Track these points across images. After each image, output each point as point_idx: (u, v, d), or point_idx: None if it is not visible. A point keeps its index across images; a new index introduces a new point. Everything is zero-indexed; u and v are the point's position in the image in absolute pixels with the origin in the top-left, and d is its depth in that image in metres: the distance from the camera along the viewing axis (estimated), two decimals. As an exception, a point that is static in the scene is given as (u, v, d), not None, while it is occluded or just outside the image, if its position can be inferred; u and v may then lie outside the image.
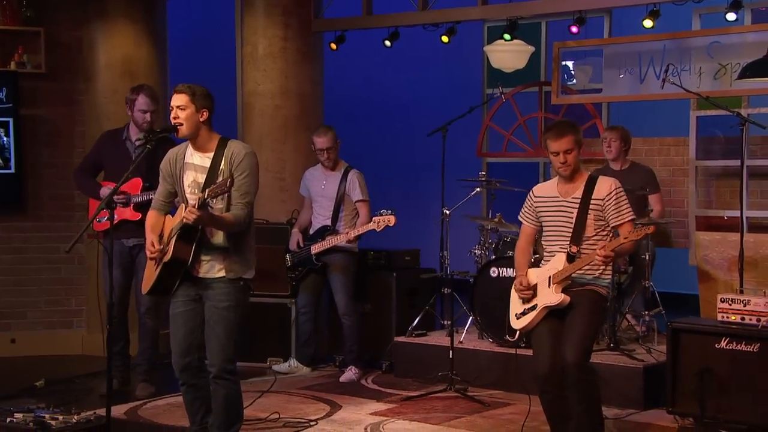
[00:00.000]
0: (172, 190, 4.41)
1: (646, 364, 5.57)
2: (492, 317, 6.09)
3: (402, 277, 6.70)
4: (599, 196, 4.37)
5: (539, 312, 4.39)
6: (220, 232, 4.28)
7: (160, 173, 4.44)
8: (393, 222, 5.97)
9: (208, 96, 4.29)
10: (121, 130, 5.88)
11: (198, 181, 4.31)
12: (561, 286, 4.33)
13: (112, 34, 7.26)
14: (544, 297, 4.37)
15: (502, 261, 6.15)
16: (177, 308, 4.37)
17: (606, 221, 4.38)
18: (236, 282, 4.31)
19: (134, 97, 5.75)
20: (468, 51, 9.04)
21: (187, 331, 4.34)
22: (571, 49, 7.35)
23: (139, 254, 5.66)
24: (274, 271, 6.70)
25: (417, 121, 9.11)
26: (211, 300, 4.30)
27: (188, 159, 4.35)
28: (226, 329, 4.27)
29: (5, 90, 7.00)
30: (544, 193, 4.51)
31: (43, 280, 7.30)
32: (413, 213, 7.48)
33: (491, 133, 8.40)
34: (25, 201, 7.21)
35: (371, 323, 6.64)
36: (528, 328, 4.47)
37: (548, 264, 4.42)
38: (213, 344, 4.28)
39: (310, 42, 7.57)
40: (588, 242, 4.36)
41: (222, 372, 4.29)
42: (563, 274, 4.33)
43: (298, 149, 7.42)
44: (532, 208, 4.53)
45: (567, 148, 4.34)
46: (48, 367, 6.66)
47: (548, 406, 4.40)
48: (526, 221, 4.58)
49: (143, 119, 5.72)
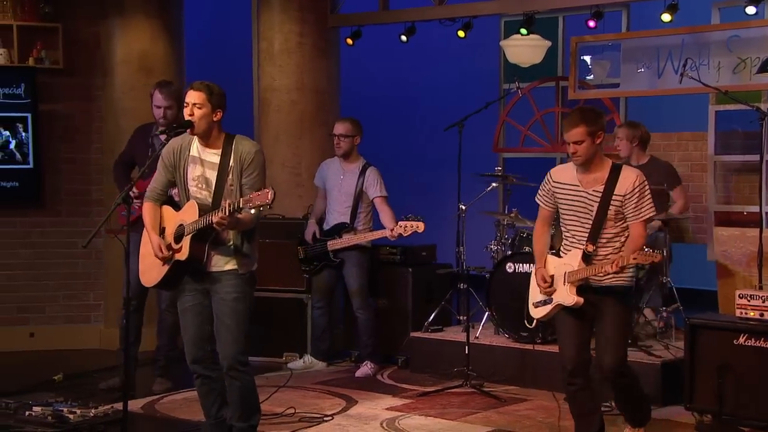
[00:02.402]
0: (172, 180, 4.40)
1: (663, 361, 5.54)
2: (508, 313, 6.08)
3: (418, 273, 6.69)
4: (621, 191, 4.25)
5: (554, 307, 4.36)
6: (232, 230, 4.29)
7: (160, 161, 4.41)
8: (422, 228, 5.95)
9: (223, 96, 4.30)
10: (152, 126, 5.84)
11: (206, 176, 4.31)
12: (575, 286, 4.28)
13: (129, 30, 7.28)
14: (560, 294, 4.34)
15: (518, 256, 6.13)
16: (186, 302, 4.38)
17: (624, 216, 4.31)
18: (244, 274, 4.32)
19: (152, 92, 5.73)
20: (484, 46, 9.00)
21: (199, 324, 4.35)
22: (588, 44, 7.30)
23: None
24: (290, 266, 6.71)
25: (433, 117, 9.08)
26: (219, 293, 4.30)
27: (194, 153, 4.34)
28: (237, 321, 4.28)
29: (23, 86, 7.04)
30: (562, 179, 4.37)
31: (62, 275, 7.35)
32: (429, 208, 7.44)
33: (508, 129, 8.37)
34: (43, 196, 7.25)
35: (387, 318, 6.64)
36: (544, 318, 4.46)
37: (565, 257, 4.36)
38: (224, 337, 4.28)
39: (327, 37, 7.56)
40: (607, 238, 4.28)
41: (235, 363, 4.29)
42: (578, 275, 4.26)
43: (315, 144, 7.41)
44: (549, 192, 4.42)
45: (577, 139, 4.23)
46: (66, 361, 6.70)
47: (574, 398, 4.37)
48: (543, 204, 4.46)
49: (159, 115, 5.68)
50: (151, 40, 7.32)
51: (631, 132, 6.34)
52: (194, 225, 4.21)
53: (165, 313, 5.77)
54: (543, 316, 4.44)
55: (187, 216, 4.28)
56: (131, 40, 7.29)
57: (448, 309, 6.71)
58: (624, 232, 4.30)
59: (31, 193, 7.18)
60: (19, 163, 7.09)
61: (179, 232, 4.28)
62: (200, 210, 4.22)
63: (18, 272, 7.26)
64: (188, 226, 4.24)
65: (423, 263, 6.84)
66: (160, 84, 5.78)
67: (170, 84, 5.82)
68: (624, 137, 6.33)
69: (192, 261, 4.25)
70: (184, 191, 4.35)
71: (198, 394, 4.51)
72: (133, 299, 5.49)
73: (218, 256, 4.30)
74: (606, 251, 4.28)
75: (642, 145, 6.40)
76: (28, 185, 7.14)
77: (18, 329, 7.24)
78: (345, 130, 6.36)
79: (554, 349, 5.61)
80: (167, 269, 4.32)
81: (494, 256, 6.45)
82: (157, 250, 4.31)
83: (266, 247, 5.97)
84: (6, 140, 7.07)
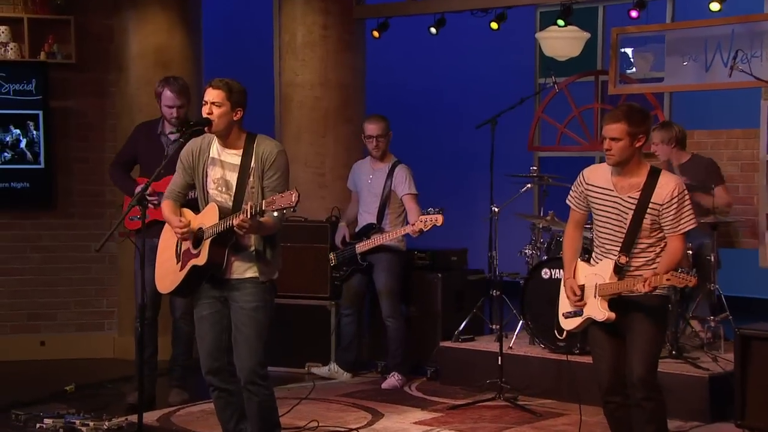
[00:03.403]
0: (191, 182, 4.41)
1: (712, 374, 5.49)
2: (544, 321, 6.04)
3: (448, 279, 6.68)
4: (659, 200, 4.17)
5: (584, 321, 4.33)
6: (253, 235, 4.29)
7: (179, 163, 4.42)
8: (441, 221, 5.94)
9: (243, 94, 4.29)
10: (156, 123, 5.84)
11: (227, 179, 4.31)
12: (607, 300, 4.23)
13: (144, 23, 7.32)
14: (590, 308, 4.30)
15: (555, 262, 6.10)
16: (203, 311, 4.39)
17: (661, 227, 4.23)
18: (265, 283, 4.32)
19: (160, 91, 5.69)
20: (519, 38, 8.98)
21: (216, 335, 4.36)
22: (630, 35, 7.24)
23: None
24: (313, 272, 6.72)
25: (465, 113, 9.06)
26: (238, 301, 4.30)
27: (214, 154, 4.35)
28: (256, 331, 4.28)
29: (35, 81, 7.10)
30: (596, 182, 4.31)
31: (74, 281, 7.40)
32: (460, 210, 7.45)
33: (543, 126, 8.34)
34: (54, 197, 7.30)
35: (416, 327, 6.63)
36: (575, 330, 4.44)
37: (597, 267, 4.32)
38: (242, 348, 4.28)
39: (352, 30, 7.57)
40: (641, 248, 4.22)
41: (254, 377, 4.28)
42: (608, 289, 4.21)
43: (339, 143, 7.42)
44: (582, 194, 4.37)
45: (613, 136, 4.16)
46: (78, 370, 6.74)
47: (612, 417, 4.35)
48: (574, 207, 4.42)
49: (170, 114, 5.66)
50: (167, 33, 7.36)
51: (666, 134, 6.30)
52: (214, 229, 4.22)
53: (179, 322, 5.78)
54: (573, 328, 4.42)
55: (206, 219, 4.28)
56: (147, 33, 7.33)
57: (480, 317, 6.68)
58: (660, 243, 4.23)
59: (43, 195, 7.24)
60: (30, 162, 7.15)
61: (198, 236, 4.29)
62: (221, 213, 4.22)
63: (28, 277, 7.32)
64: (207, 229, 4.25)
65: (453, 268, 6.83)
66: (167, 81, 5.72)
67: (178, 79, 5.77)
68: (659, 141, 6.29)
69: (211, 267, 4.25)
70: (204, 194, 4.36)
71: (215, 407, 4.51)
72: (148, 310, 5.50)
73: (239, 263, 4.30)
74: (639, 262, 4.23)
75: (680, 144, 6.35)
76: (39, 186, 7.20)
77: (28, 337, 7.29)
78: (381, 129, 6.37)
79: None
80: (184, 275, 4.33)
81: (529, 261, 6.42)
82: (176, 222, 4.28)
83: (287, 251, 5.97)
84: (16, 139, 7.13)
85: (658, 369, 4.29)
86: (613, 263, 4.21)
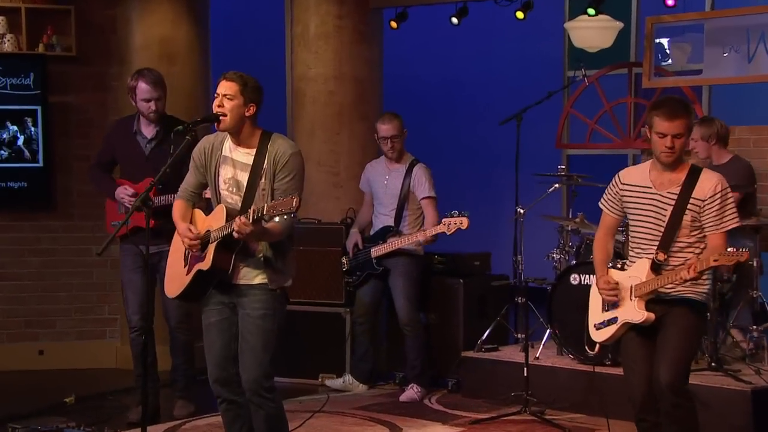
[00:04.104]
0: (204, 182, 4.42)
1: (754, 387, 5.44)
2: (572, 330, 6.01)
3: (470, 284, 6.66)
4: (701, 195, 4.18)
5: (619, 327, 4.30)
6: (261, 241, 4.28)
7: (191, 161, 4.44)
8: (466, 225, 5.93)
9: (258, 90, 4.29)
10: (132, 121, 5.80)
11: (237, 179, 4.31)
12: (644, 300, 4.21)
13: (148, 13, 7.34)
14: (626, 311, 4.27)
15: (585, 267, 6.07)
16: (210, 317, 4.39)
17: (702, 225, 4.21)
18: (275, 290, 4.31)
19: (134, 84, 5.64)
20: (546, 28, 8.94)
21: (224, 343, 4.36)
22: (666, 25, 7.19)
23: (160, 263, 5.63)
24: (327, 277, 6.71)
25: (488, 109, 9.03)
26: (245, 308, 4.30)
27: (226, 152, 4.35)
28: (263, 341, 4.27)
29: (33, 75, 7.13)
30: (633, 181, 4.32)
31: (74, 286, 7.43)
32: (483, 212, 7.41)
33: (573, 122, 8.30)
34: (54, 198, 7.33)
35: (436, 336, 6.62)
36: (608, 342, 4.40)
37: (631, 269, 4.30)
38: (247, 358, 4.28)
39: (368, 20, 7.56)
40: (680, 247, 4.21)
41: (259, 389, 4.27)
42: (646, 287, 4.20)
43: (354, 140, 7.41)
44: (616, 196, 4.37)
45: (678, 132, 4.16)
46: (78, 381, 6.76)
47: None
48: (608, 210, 4.42)
49: (148, 108, 5.63)
50: (172, 24, 7.38)
51: (706, 130, 6.24)
52: (220, 232, 4.22)
53: (175, 331, 5.79)
54: (607, 339, 4.38)
55: (214, 221, 4.29)
56: (151, 24, 7.35)
57: (504, 326, 6.68)
58: (699, 244, 4.22)
59: (41, 195, 7.27)
60: (28, 161, 7.18)
61: (205, 239, 4.29)
62: (228, 215, 4.23)
63: (26, 283, 7.35)
64: (214, 232, 4.25)
65: (475, 274, 6.81)
66: (141, 73, 5.67)
67: (152, 71, 5.75)
68: (699, 137, 6.22)
69: (216, 272, 4.25)
70: (216, 194, 4.37)
71: (222, 420, 4.50)
72: (141, 320, 5.51)
73: (248, 269, 4.30)
74: (677, 261, 4.21)
75: (721, 142, 6.29)
76: (37, 186, 7.23)
77: (26, 346, 7.33)
78: (396, 129, 6.36)
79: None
80: (189, 279, 4.33)
81: (557, 266, 6.41)
82: (185, 230, 4.29)
83: (300, 255, 5.96)
84: (14, 136, 7.17)
85: (698, 383, 4.25)
86: (650, 261, 4.20)
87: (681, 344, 4.19)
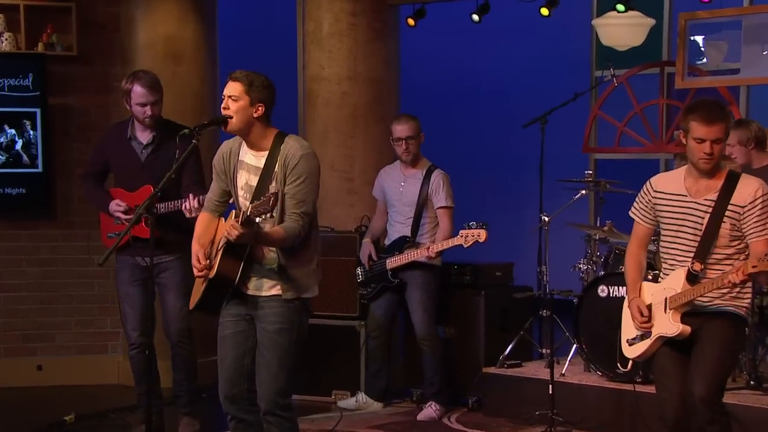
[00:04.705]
0: (227, 189, 4.43)
1: (795, 407, 5.41)
2: (601, 345, 6.00)
3: (492, 297, 6.65)
4: (740, 202, 4.16)
5: (654, 341, 4.28)
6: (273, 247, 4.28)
7: (213, 170, 4.46)
8: (484, 238, 5.92)
9: (267, 88, 4.28)
10: (126, 126, 5.77)
11: (251, 184, 4.32)
12: (679, 312, 4.19)
13: (153, 10, 7.35)
14: (660, 324, 4.25)
15: (613, 278, 6.06)
16: (226, 329, 4.40)
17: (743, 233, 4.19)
18: (291, 301, 4.30)
19: (129, 88, 5.60)
20: (573, 26, 8.94)
21: (237, 356, 4.36)
22: (700, 21, 7.16)
23: (159, 275, 5.61)
24: (340, 288, 6.70)
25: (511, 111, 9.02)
26: (262, 322, 4.31)
27: (243, 156, 4.36)
28: (279, 357, 4.27)
29: (32, 76, 7.15)
30: (666, 188, 4.30)
31: (74, 297, 7.43)
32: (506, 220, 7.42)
33: (600, 125, 8.27)
34: (53, 205, 7.35)
35: (455, 351, 6.61)
36: (642, 358, 4.38)
37: (665, 280, 4.28)
38: (263, 374, 4.29)
39: (384, 17, 7.56)
40: (717, 259, 4.18)
41: (274, 407, 4.28)
42: (682, 298, 4.17)
43: (370, 144, 7.40)
44: (649, 204, 4.36)
45: (717, 137, 4.14)
46: (79, 398, 6.78)
47: None
48: (639, 219, 4.40)
49: (143, 113, 5.59)
50: (178, 22, 7.39)
51: (743, 133, 6.18)
52: (224, 238, 4.22)
53: (176, 347, 5.78)
54: (640, 355, 4.36)
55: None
56: (156, 22, 7.36)
57: (528, 340, 6.67)
58: (739, 255, 4.19)
59: (40, 202, 7.29)
60: (27, 166, 7.21)
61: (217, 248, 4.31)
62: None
63: (24, 294, 7.36)
64: (222, 239, 4.26)
65: (497, 285, 6.80)
66: (136, 76, 5.64)
67: (148, 73, 5.73)
68: (736, 141, 6.17)
69: (223, 281, 4.25)
70: (236, 202, 4.39)
71: (232, 438, 4.50)
72: (141, 336, 5.51)
73: (263, 279, 4.30)
74: (714, 274, 4.17)
75: (759, 145, 6.24)
76: (36, 192, 7.24)
77: (23, 361, 7.33)
78: (412, 131, 6.36)
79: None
80: (203, 290, 4.34)
81: (584, 277, 6.40)
82: (194, 260, 4.33)
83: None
84: (11, 140, 7.19)
85: (735, 402, 4.22)
86: (686, 271, 4.18)
87: (717, 356, 4.16)
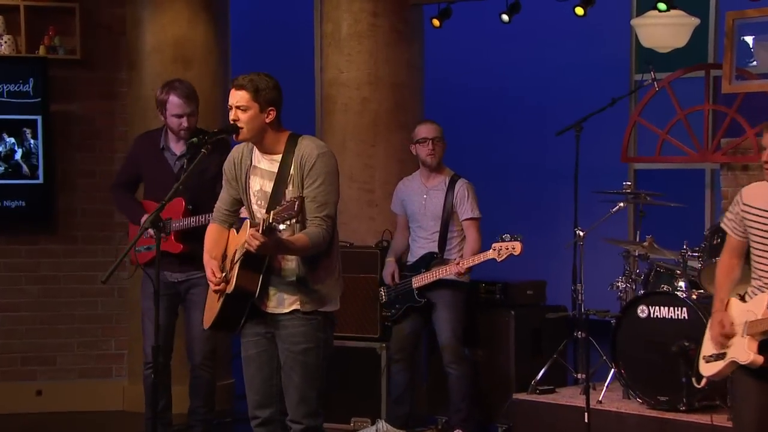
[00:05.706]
0: (238, 198, 4.47)
1: None
2: (641, 370, 5.99)
3: (523, 317, 6.66)
4: None
5: (727, 364, 4.28)
6: (293, 257, 4.32)
7: (223, 177, 4.52)
8: (519, 251, 5.91)
9: (274, 89, 4.33)
10: (158, 136, 5.91)
11: (265, 190, 4.36)
12: (757, 340, 4.16)
13: (161, 12, 7.39)
14: (736, 348, 4.24)
15: (654, 297, 6.04)
16: (248, 350, 4.45)
17: None
18: (313, 316, 4.34)
19: (164, 98, 5.74)
20: (611, 26, 8.94)
21: (264, 378, 4.42)
22: (750, 21, 7.14)
23: (189, 291, 5.74)
24: (360, 307, 6.72)
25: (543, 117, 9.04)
26: (285, 342, 4.35)
27: (255, 162, 4.41)
28: (306, 377, 4.32)
29: (32, 81, 7.18)
30: (755, 202, 4.27)
31: (76, 318, 7.46)
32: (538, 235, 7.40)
33: (641, 132, 8.27)
34: (55, 219, 7.38)
35: (484, 375, 6.62)
36: (715, 378, 4.38)
37: (750, 302, 4.26)
38: (292, 396, 4.34)
39: (407, 18, 7.58)
40: None
41: (304, 431, 4.32)
42: (761, 326, 4.15)
43: (391, 153, 7.42)
44: (738, 217, 4.34)
45: None
46: (81, 425, 6.84)
47: None
48: (731, 231, 4.39)
49: (179, 125, 5.74)
50: (188, 24, 7.43)
51: None
52: (241, 250, 4.27)
53: (199, 369, 5.83)
54: (714, 375, 4.36)
55: (242, 240, 4.32)
56: (164, 24, 7.41)
57: (562, 364, 6.67)
58: None
59: (41, 215, 7.32)
60: (27, 177, 7.23)
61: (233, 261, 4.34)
62: None
63: (23, 314, 7.39)
64: (238, 251, 4.30)
65: (529, 305, 6.81)
66: (172, 86, 5.77)
67: (184, 83, 5.84)
68: None
69: (242, 295, 4.29)
70: (249, 210, 4.43)
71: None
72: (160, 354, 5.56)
73: (282, 293, 4.34)
74: None
75: None
76: (36, 205, 7.28)
77: (22, 385, 7.37)
78: (438, 131, 6.40)
79: (704, 419, 5.50)
80: (220, 305, 4.37)
81: (622, 296, 6.38)
82: (209, 274, 4.36)
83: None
84: (11, 149, 7.22)
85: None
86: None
87: None
